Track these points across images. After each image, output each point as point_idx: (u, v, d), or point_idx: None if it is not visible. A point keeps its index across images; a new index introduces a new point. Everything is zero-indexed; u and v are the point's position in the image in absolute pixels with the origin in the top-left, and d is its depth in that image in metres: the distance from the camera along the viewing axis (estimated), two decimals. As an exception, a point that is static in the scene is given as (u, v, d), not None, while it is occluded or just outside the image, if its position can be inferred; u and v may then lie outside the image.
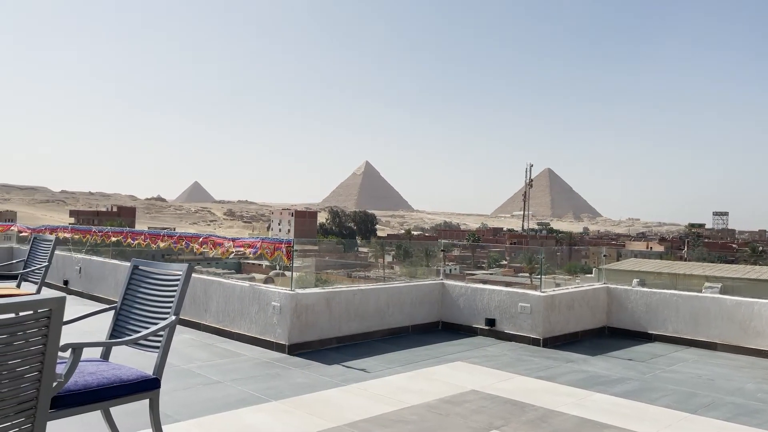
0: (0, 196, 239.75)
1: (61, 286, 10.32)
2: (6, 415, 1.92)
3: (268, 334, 6.69)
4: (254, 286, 7.13)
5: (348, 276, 26.79)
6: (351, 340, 7.12)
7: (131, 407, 3.07)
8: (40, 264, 6.46)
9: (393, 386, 5.27)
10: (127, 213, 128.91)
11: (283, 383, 5.33)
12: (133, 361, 3.29)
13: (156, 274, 3.37)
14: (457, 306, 8.19)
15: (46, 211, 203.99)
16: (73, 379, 2.74)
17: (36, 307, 1.92)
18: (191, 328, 7.51)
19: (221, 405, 4.62)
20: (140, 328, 3.25)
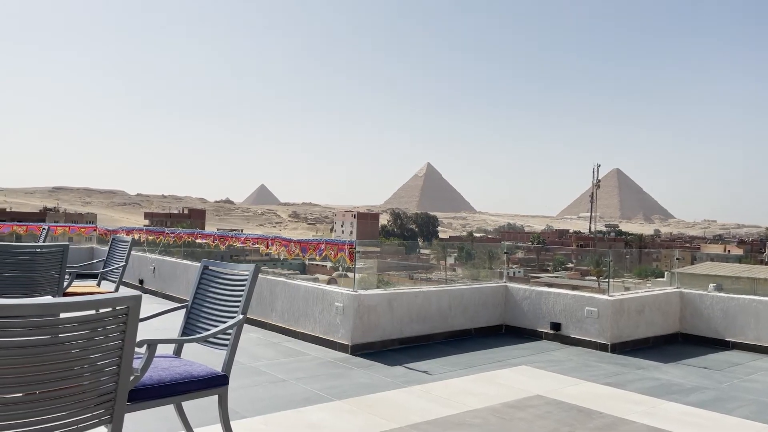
0: (82, 199, 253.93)
1: (137, 285, 10.81)
2: (87, 406, 2.03)
3: (331, 334, 6.79)
4: (318, 287, 7.25)
5: (410, 278, 26.80)
6: (413, 342, 7.12)
7: (201, 402, 3.18)
8: (117, 264, 6.80)
9: (455, 389, 5.24)
10: (198, 215, 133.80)
11: (346, 383, 5.40)
12: (203, 358, 3.42)
13: (224, 274, 3.48)
14: (521, 309, 8.05)
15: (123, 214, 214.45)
16: (148, 373, 2.87)
17: (114, 304, 2.03)
18: (258, 327, 7.72)
19: (286, 403, 4.72)
20: (210, 326, 3.37)
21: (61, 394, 1.96)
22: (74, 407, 2.00)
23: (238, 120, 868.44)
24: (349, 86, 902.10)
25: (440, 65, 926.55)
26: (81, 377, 2.00)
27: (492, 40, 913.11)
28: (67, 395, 1.97)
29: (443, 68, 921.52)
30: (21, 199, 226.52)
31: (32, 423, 1.90)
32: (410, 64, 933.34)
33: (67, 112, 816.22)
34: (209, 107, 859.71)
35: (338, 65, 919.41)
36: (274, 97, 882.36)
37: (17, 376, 1.86)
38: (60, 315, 1.95)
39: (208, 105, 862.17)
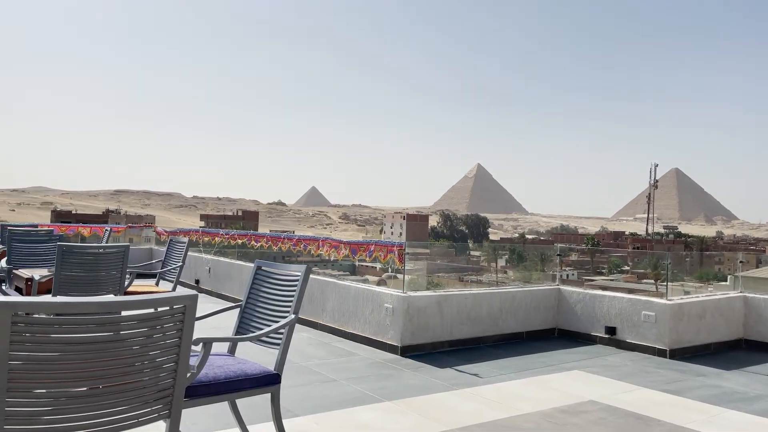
0: (141, 202, 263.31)
1: (193, 285, 11.13)
2: (147, 401, 2.11)
3: (381, 335, 6.81)
4: (368, 288, 7.30)
5: (459, 280, 26.61)
6: (463, 344, 7.07)
7: (255, 400, 3.25)
8: (175, 264, 7.03)
9: (506, 392, 5.18)
10: (251, 217, 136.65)
11: (396, 384, 5.41)
12: (256, 357, 3.49)
13: (277, 275, 3.54)
14: (574, 313, 7.88)
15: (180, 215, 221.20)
16: (203, 371, 2.95)
17: (172, 303, 2.10)
18: (309, 326, 7.82)
19: (337, 402, 4.77)
20: (262, 325, 3.44)
21: (122, 389, 2.04)
22: (135, 402, 2.07)
23: (290, 123, 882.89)
24: (400, 87, 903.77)
25: (491, 65, 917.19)
26: (141, 373, 2.08)
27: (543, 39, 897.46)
28: (129, 390, 2.05)
29: (494, 68, 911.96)
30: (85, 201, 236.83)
31: (97, 416, 1.99)
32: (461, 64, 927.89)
33: (127, 118, 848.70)
34: (262, 111, 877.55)
35: (388, 67, 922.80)
36: (324, 99, 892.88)
37: (83, 371, 1.95)
38: (121, 313, 2.03)
39: (261, 109, 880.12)
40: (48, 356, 1.87)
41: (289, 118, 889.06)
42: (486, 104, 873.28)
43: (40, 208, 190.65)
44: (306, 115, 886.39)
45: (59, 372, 1.91)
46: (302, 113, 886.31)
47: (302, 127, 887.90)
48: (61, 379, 1.92)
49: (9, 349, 1.80)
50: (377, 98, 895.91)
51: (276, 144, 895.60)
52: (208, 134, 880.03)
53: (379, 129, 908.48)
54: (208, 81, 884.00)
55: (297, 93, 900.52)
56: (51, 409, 1.92)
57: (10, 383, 1.82)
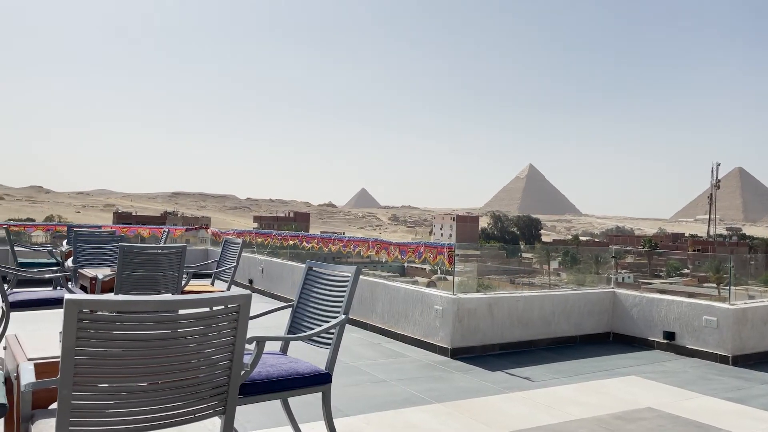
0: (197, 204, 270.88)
1: (247, 285, 11.37)
2: (203, 397, 2.17)
3: (430, 337, 6.79)
4: (417, 289, 7.29)
5: (511, 282, 26.27)
6: (514, 348, 6.97)
7: (306, 398, 3.30)
8: (229, 264, 7.20)
9: (558, 397, 5.08)
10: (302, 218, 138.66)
11: (446, 386, 5.38)
12: (307, 356, 3.54)
13: (327, 275, 3.59)
14: (630, 317, 7.65)
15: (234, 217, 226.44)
16: (256, 369, 3.02)
17: (227, 302, 2.16)
18: (359, 327, 7.87)
19: (387, 403, 4.78)
20: (314, 325, 3.48)
21: (180, 385, 2.11)
22: (191, 398, 2.14)
23: (341, 125, 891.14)
24: (451, 89, 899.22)
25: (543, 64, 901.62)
26: (197, 370, 2.14)
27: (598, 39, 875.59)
28: (185, 386, 2.12)
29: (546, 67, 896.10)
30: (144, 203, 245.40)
31: (156, 410, 2.06)
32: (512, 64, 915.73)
33: (184, 123, 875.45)
34: (314, 114, 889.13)
35: (438, 67, 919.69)
36: (374, 102, 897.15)
37: (143, 367, 2.03)
38: (179, 311, 2.10)
39: (313, 112, 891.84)
40: (111, 352, 1.96)
41: (339, 121, 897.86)
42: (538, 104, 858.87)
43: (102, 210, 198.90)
44: (356, 117, 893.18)
45: (121, 367, 1.99)
46: (353, 116, 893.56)
47: (353, 129, 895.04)
48: (123, 374, 2.00)
49: (75, 345, 1.89)
50: (427, 100, 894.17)
51: (327, 146, 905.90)
52: (261, 137, 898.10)
53: (429, 130, 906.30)
54: (260, 85, 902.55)
55: (347, 96, 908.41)
56: (114, 403, 2.00)
57: (76, 377, 1.91)
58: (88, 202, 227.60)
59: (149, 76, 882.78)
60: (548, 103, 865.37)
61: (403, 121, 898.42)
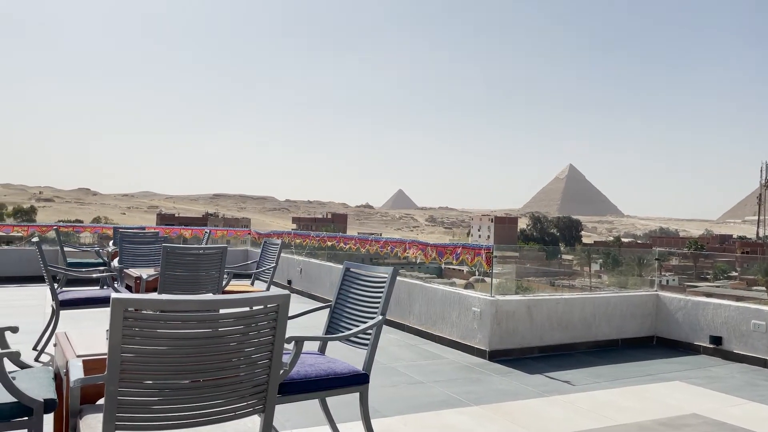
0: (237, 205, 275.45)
1: (286, 285, 11.51)
2: (243, 396, 2.21)
3: (468, 339, 6.75)
4: (455, 291, 7.26)
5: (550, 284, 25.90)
6: (553, 351, 6.87)
7: (344, 398, 3.32)
8: (269, 265, 7.31)
9: (600, 401, 4.98)
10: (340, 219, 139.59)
11: (484, 388, 5.34)
12: (345, 356, 3.57)
13: (365, 276, 3.61)
14: (675, 320, 7.45)
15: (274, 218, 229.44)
16: (295, 368, 3.06)
17: (266, 302, 2.19)
18: (396, 328, 7.88)
19: (424, 404, 4.77)
20: (351, 325, 3.51)
21: (221, 383, 2.15)
22: (232, 396, 2.18)
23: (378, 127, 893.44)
24: (486, 87, 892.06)
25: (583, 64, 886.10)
26: (237, 368, 2.18)
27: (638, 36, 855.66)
28: (226, 384, 2.16)
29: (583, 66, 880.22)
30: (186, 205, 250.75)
31: (198, 407, 2.11)
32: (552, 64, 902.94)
33: (224, 126, 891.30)
34: (351, 116, 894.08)
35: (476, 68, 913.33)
36: (410, 101, 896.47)
37: (185, 365, 2.08)
38: (219, 311, 2.15)
39: (350, 114, 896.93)
40: (155, 350, 2.01)
41: (376, 122, 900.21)
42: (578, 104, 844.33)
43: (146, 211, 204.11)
44: (393, 119, 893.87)
45: (165, 365, 2.04)
46: (390, 118, 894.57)
47: (390, 131, 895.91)
48: (167, 371, 2.05)
49: (121, 342, 1.95)
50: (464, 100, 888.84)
51: (364, 148, 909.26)
52: (299, 140, 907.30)
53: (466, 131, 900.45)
54: (299, 89, 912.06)
55: (385, 98, 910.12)
56: (158, 400, 2.05)
57: (122, 374, 1.97)
58: (132, 204, 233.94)
59: (191, 81, 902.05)
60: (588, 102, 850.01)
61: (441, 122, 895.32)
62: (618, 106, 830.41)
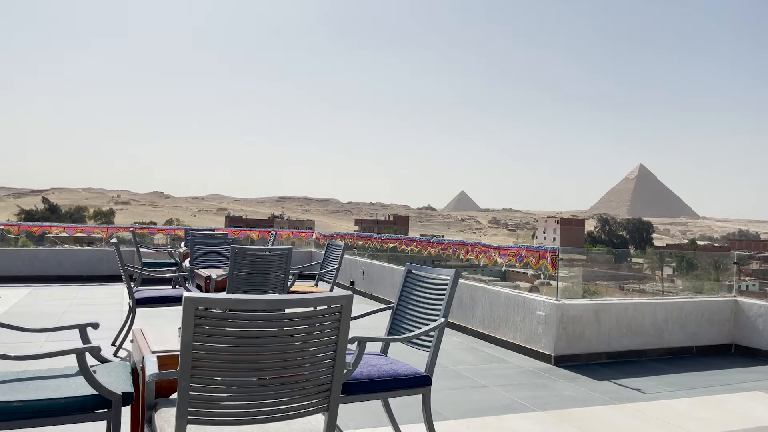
0: (302, 207, 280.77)
1: (348, 286, 11.64)
2: (308, 394, 2.26)
3: (533, 343, 6.63)
4: (519, 294, 7.14)
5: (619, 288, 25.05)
6: (622, 357, 6.65)
7: (406, 400, 3.34)
8: (332, 266, 7.41)
9: (672, 411, 4.78)
10: (402, 221, 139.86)
11: (550, 394, 5.23)
12: (406, 358, 3.58)
13: (427, 278, 3.60)
14: (755, 328, 7.06)
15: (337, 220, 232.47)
16: (358, 369, 3.09)
17: (330, 302, 2.23)
18: (458, 331, 7.83)
19: (487, 408, 4.72)
20: (413, 327, 3.51)
21: (286, 381, 2.20)
22: (297, 394, 2.23)
23: (440, 128, 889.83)
24: (552, 87, 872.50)
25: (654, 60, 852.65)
26: (302, 367, 2.23)
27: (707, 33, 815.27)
28: (292, 382, 2.21)
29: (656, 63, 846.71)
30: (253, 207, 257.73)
31: (265, 404, 2.17)
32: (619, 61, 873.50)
33: (289, 131, 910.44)
34: (413, 118, 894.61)
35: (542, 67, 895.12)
36: (474, 104, 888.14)
37: (253, 363, 2.14)
38: (285, 310, 2.20)
39: (412, 116, 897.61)
40: (224, 347, 2.08)
41: (439, 124, 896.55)
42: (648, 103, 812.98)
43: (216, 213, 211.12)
44: (456, 121, 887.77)
45: (233, 362, 2.11)
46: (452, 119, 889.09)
47: (452, 132, 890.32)
48: (235, 368, 2.12)
49: (193, 339, 2.03)
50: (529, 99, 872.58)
51: (426, 150, 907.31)
52: (362, 143, 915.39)
53: (531, 131, 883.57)
54: (361, 93, 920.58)
55: (447, 100, 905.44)
56: (228, 396, 2.13)
57: (193, 370, 2.06)
58: (203, 207, 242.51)
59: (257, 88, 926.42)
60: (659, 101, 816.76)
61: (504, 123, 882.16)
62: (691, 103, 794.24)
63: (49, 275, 11.75)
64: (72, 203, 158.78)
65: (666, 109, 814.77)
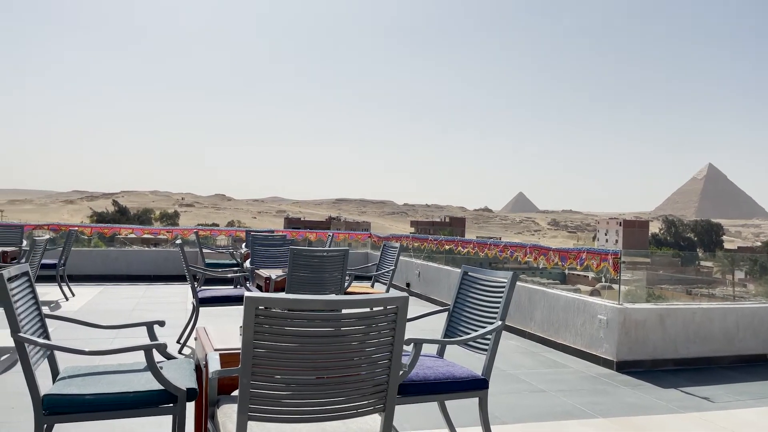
0: (358, 209, 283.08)
1: (404, 288, 11.65)
2: (364, 394, 2.28)
3: (593, 348, 6.46)
4: (579, 298, 6.97)
5: (687, 293, 24.08)
6: (689, 364, 6.38)
7: (462, 403, 3.31)
8: (388, 268, 7.45)
9: (743, 421, 4.56)
10: (458, 223, 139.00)
11: (611, 401, 5.08)
12: (463, 361, 3.56)
13: (483, 281, 3.57)
14: (836, 336, 6.63)
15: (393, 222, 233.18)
16: (414, 370, 3.10)
17: (386, 303, 2.25)
18: (516, 334, 7.71)
19: (546, 414, 4.63)
20: (469, 330, 3.49)
21: (343, 381, 2.23)
22: (354, 393, 2.26)
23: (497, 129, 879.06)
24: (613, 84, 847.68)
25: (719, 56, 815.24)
26: (359, 367, 2.25)
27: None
28: (349, 382, 2.24)
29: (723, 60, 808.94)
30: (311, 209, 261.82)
31: (323, 403, 2.21)
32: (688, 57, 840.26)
33: (346, 133, 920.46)
34: (468, 119, 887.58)
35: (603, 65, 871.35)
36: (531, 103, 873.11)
37: (311, 362, 2.18)
38: (342, 311, 2.23)
39: (468, 117, 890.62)
40: (283, 346, 2.13)
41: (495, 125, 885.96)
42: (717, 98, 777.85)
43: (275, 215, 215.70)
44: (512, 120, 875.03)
45: (292, 361, 2.16)
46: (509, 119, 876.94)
47: (510, 133, 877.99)
48: (294, 367, 2.17)
49: (253, 338, 2.09)
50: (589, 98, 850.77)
51: (483, 151, 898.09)
52: (417, 144, 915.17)
53: (591, 131, 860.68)
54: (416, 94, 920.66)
55: (502, 100, 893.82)
56: (287, 394, 2.18)
57: (254, 368, 2.11)
58: (262, 209, 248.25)
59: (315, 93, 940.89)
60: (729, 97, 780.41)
61: (564, 121, 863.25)
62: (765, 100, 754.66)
63: (119, 274, 12.30)
64: (140, 206, 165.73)
65: (737, 105, 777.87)
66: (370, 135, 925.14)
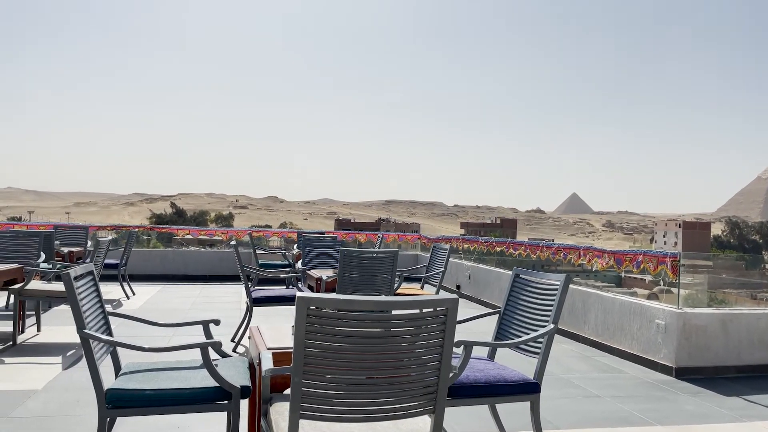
0: (408, 211, 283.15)
1: (454, 290, 11.59)
2: (414, 395, 2.29)
3: (650, 353, 6.26)
4: (635, 301, 6.77)
5: (752, 297, 23.01)
6: (755, 371, 6.11)
7: (514, 406, 3.28)
8: (438, 269, 7.43)
9: (815, 434, 4.33)
10: (509, 225, 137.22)
11: (670, 408, 4.91)
12: (514, 364, 3.51)
13: (535, 283, 3.52)
14: None
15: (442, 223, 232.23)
16: (464, 373, 3.08)
17: (435, 305, 2.25)
18: (569, 338, 7.55)
19: (601, 420, 4.52)
20: (521, 332, 3.45)
21: (393, 381, 2.25)
22: (404, 394, 2.27)
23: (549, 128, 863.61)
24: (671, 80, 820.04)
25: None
26: (409, 368, 2.26)
27: None
28: (399, 383, 2.25)
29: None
30: (361, 211, 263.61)
31: (373, 403, 2.23)
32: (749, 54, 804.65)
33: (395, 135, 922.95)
34: (519, 118, 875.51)
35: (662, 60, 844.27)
36: (585, 100, 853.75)
37: (361, 362, 2.20)
38: (392, 312, 2.25)
39: (519, 116, 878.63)
40: (334, 346, 2.16)
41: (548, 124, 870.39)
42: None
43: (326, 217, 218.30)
44: (565, 119, 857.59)
45: (343, 361, 2.18)
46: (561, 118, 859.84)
47: (562, 132, 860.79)
48: (345, 367, 2.19)
49: (305, 338, 2.13)
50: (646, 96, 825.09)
51: (535, 151, 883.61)
52: (467, 145, 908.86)
53: (649, 129, 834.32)
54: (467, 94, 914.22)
55: (554, 99, 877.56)
56: (338, 393, 2.21)
57: (305, 367, 2.15)
58: (314, 210, 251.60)
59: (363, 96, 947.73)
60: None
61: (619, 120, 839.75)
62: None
63: (176, 274, 12.71)
64: (196, 207, 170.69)
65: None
66: (420, 136, 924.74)
